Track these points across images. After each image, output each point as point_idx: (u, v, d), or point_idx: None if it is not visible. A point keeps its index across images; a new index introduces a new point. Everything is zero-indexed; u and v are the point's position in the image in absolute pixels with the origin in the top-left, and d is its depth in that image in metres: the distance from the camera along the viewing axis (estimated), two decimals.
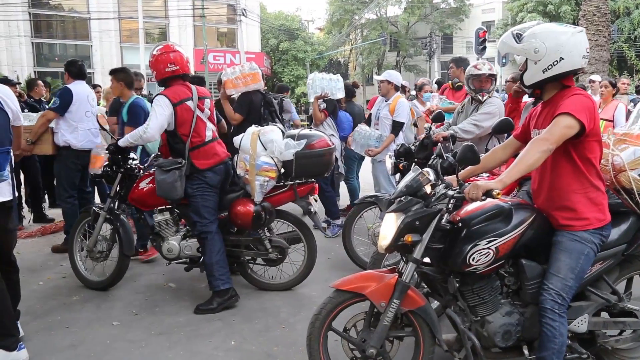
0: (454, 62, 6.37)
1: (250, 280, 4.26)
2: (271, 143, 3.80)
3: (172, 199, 3.80)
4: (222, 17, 28.77)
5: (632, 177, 2.59)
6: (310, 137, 3.97)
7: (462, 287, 2.54)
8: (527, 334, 2.57)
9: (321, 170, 4.06)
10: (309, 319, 2.61)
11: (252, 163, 3.79)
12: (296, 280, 4.22)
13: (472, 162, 2.39)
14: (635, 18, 29.26)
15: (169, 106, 3.73)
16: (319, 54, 32.43)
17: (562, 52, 2.38)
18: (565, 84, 2.48)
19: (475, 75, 4.30)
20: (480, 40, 14.76)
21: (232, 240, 4.08)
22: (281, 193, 4.00)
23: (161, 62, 3.83)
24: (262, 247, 4.07)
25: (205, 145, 3.88)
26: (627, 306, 2.73)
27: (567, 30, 2.44)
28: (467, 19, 36.66)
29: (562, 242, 2.47)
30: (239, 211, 3.87)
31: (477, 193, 2.25)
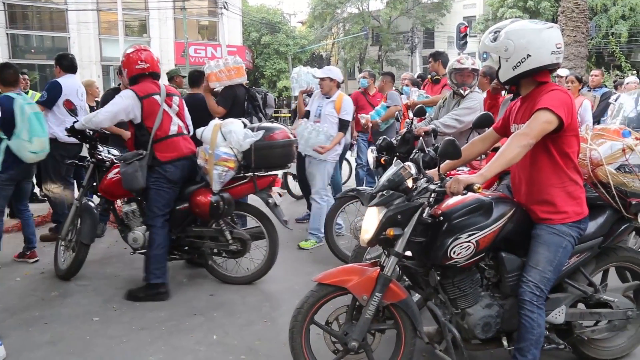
0: (432, 56, 6.39)
1: (212, 272, 4.28)
2: (230, 134, 3.84)
3: (135, 189, 3.89)
4: (203, 9, 28.47)
5: (609, 171, 2.64)
6: (270, 128, 4.00)
7: (443, 280, 2.57)
8: (507, 325, 2.62)
9: (281, 162, 4.10)
10: (291, 313, 2.62)
11: (211, 153, 3.84)
12: (257, 274, 4.23)
13: (454, 157, 2.41)
14: (612, 15, 29.74)
15: (131, 98, 3.87)
16: (300, 47, 32.31)
17: (529, 49, 2.42)
18: (538, 80, 2.52)
19: (458, 70, 4.31)
20: (461, 35, 14.86)
21: (194, 231, 4.13)
22: (241, 184, 4.04)
23: (132, 61, 3.98)
24: (222, 238, 4.10)
25: (168, 139, 3.97)
26: (602, 297, 2.80)
27: (536, 27, 2.47)
28: (448, 14, 36.84)
29: (541, 235, 2.52)
30: (198, 200, 3.95)
31: (459, 187, 2.27)
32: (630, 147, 2.65)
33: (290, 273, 4.39)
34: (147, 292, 3.89)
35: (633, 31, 30.54)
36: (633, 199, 2.66)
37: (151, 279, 3.89)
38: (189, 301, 3.91)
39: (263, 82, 30.73)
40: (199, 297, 3.98)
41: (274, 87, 29.20)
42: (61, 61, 5.27)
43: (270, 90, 26.81)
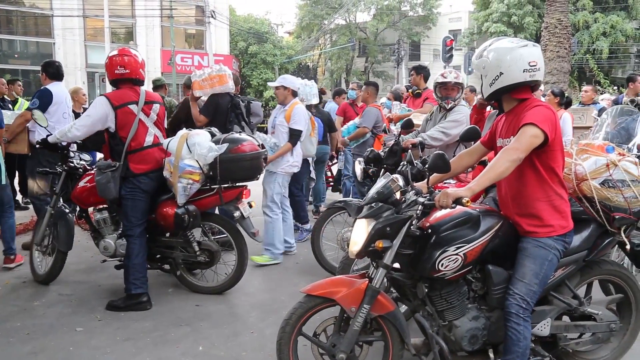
0: (414, 70, 6.42)
1: (181, 281, 4.26)
2: (194, 146, 3.81)
3: (107, 198, 3.88)
4: (191, 18, 28.49)
5: (593, 186, 2.69)
6: (236, 141, 3.97)
7: (431, 292, 2.59)
8: (493, 337, 2.63)
9: (248, 175, 4.06)
10: (278, 324, 2.61)
11: (175, 165, 3.81)
12: (225, 285, 4.21)
13: (443, 170, 2.45)
14: (594, 31, 30.38)
15: (104, 107, 3.81)
16: (287, 57, 32.42)
17: (501, 67, 2.49)
18: (516, 97, 2.56)
19: (442, 83, 4.36)
20: (447, 49, 15.06)
21: (164, 241, 4.13)
22: (207, 197, 4.02)
23: (113, 64, 3.93)
24: (190, 249, 4.09)
25: (143, 150, 3.92)
26: (587, 310, 2.82)
27: (509, 46, 2.52)
28: (434, 27, 37.28)
29: (527, 248, 2.54)
30: (163, 213, 3.93)
31: (447, 201, 2.30)
32: (613, 162, 2.69)
33: (277, 284, 4.38)
34: (128, 302, 3.85)
35: (613, 48, 31.22)
36: (616, 214, 2.70)
37: (132, 289, 3.85)
38: (175, 311, 3.87)
39: (250, 91, 30.73)
40: (185, 308, 3.94)
41: (261, 97, 29.17)
42: (47, 69, 5.24)
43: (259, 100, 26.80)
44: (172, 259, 4.17)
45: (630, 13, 32.02)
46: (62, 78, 5.37)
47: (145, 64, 4.17)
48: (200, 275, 4.36)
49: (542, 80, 2.56)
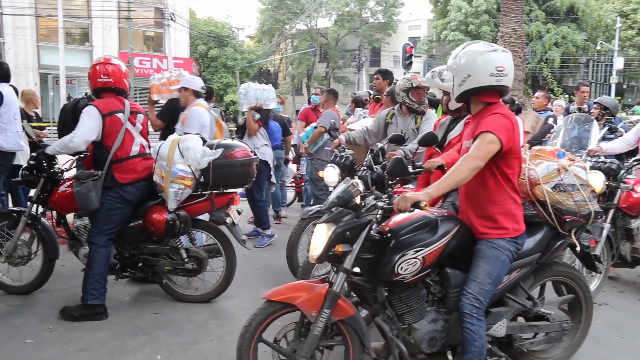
0: (380, 74, 6.34)
1: (167, 290, 4.16)
2: (187, 151, 3.75)
3: (87, 209, 3.76)
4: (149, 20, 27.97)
5: (545, 190, 2.77)
6: (229, 146, 3.93)
7: (390, 296, 2.61)
8: (451, 339, 2.68)
9: (240, 181, 4.04)
10: (238, 331, 2.58)
11: (167, 170, 3.74)
12: (213, 293, 4.13)
13: (402, 174, 2.48)
14: (546, 41, 31.51)
15: (97, 118, 3.70)
16: (248, 62, 32.24)
17: (469, 70, 2.56)
18: (482, 100, 2.61)
19: (416, 88, 4.34)
20: (407, 55, 15.24)
21: (149, 248, 4.01)
22: (198, 202, 3.95)
23: (96, 73, 3.83)
24: (178, 256, 4.00)
25: (129, 160, 3.82)
26: (540, 310, 2.91)
27: (482, 49, 2.58)
28: (394, 34, 37.85)
29: (481, 249, 2.61)
30: (153, 218, 3.83)
31: (406, 205, 2.33)
32: (564, 167, 2.79)
33: (238, 290, 4.32)
34: (83, 312, 3.72)
35: (564, 57, 32.48)
36: (567, 217, 2.78)
37: (89, 300, 3.72)
38: (132, 320, 3.76)
39: None
40: (142, 316, 3.84)
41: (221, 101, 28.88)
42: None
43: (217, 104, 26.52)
44: (157, 266, 4.03)
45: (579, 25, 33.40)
46: (9, 80, 5.19)
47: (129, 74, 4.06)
48: (186, 283, 4.24)
49: (509, 86, 2.58)
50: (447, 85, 3.48)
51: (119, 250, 3.97)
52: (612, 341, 3.50)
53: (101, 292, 3.75)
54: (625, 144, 4.75)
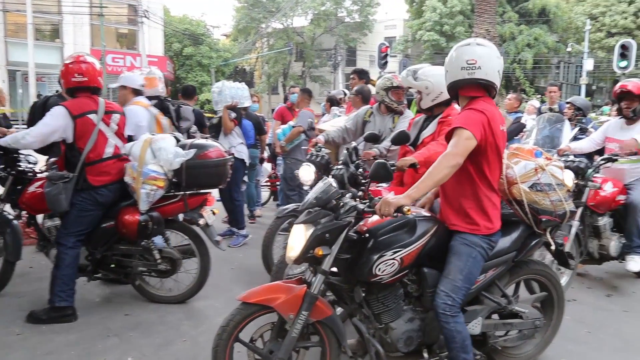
0: (356, 74, 6.35)
1: (139, 291, 4.09)
2: (160, 151, 3.69)
3: (57, 211, 3.67)
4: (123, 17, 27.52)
5: (522, 190, 2.76)
6: (203, 147, 3.88)
7: (368, 296, 2.60)
8: (428, 338, 2.70)
9: (214, 181, 4.00)
10: (212, 332, 2.55)
11: (139, 170, 3.67)
12: (187, 294, 4.09)
13: (386, 179, 2.47)
14: (519, 43, 32.08)
15: (63, 118, 3.59)
16: (224, 60, 32.01)
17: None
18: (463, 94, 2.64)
19: (396, 87, 4.33)
20: (382, 55, 15.31)
21: (121, 249, 3.93)
22: (171, 203, 3.89)
23: (69, 72, 3.71)
24: (151, 257, 3.93)
25: (102, 162, 3.74)
26: (515, 308, 2.94)
27: (459, 44, 2.68)
28: (370, 34, 38.04)
29: (454, 246, 2.61)
30: (125, 220, 3.75)
31: (389, 210, 2.30)
32: (541, 166, 2.79)
33: (212, 291, 4.27)
34: (51, 315, 3.63)
35: (537, 58, 33.10)
36: (543, 216, 2.78)
37: (56, 302, 3.63)
38: (103, 322, 3.69)
39: None
40: (113, 317, 3.77)
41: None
42: None
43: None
44: (130, 267, 3.96)
45: (551, 27, 34.09)
46: None
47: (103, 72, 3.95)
48: (160, 284, 4.16)
49: (490, 79, 2.55)
50: (420, 84, 3.50)
51: (91, 252, 3.87)
52: (580, 336, 3.57)
53: (69, 294, 3.67)
54: (592, 143, 4.85)
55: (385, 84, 4.35)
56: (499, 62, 2.58)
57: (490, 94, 2.62)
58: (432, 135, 3.59)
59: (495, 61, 2.55)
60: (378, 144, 4.19)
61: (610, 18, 33.34)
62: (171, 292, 4.13)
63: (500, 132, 2.56)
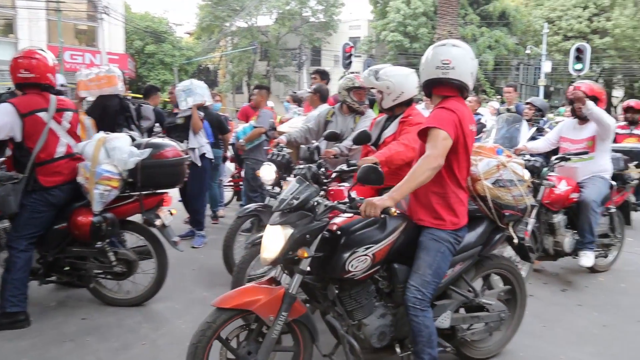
0: (318, 74, 6.41)
1: (95, 294, 3.99)
2: (114, 151, 3.61)
3: (6, 213, 3.54)
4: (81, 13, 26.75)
5: (486, 186, 2.90)
6: (159, 146, 3.81)
7: (341, 293, 2.66)
8: (400, 333, 2.78)
9: (170, 181, 3.93)
10: (172, 334, 2.53)
11: (92, 170, 3.57)
12: (145, 296, 4.01)
13: (377, 183, 2.49)
14: (480, 44, 32.74)
15: (9, 116, 3.45)
16: (187, 59, 31.51)
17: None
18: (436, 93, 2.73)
19: (358, 88, 4.36)
20: (346, 55, 15.38)
21: (75, 251, 3.82)
22: (126, 204, 3.81)
23: (17, 67, 3.58)
24: (106, 259, 3.83)
25: (53, 162, 3.62)
26: (482, 301, 3.05)
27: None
28: (335, 34, 38.11)
29: (423, 241, 2.69)
30: (78, 221, 3.65)
31: (375, 211, 2.36)
32: (503, 164, 2.94)
33: (172, 292, 4.21)
34: (2, 321, 3.49)
35: (498, 60, 33.88)
36: (506, 211, 2.92)
37: (7, 307, 3.50)
38: (58, 327, 3.59)
39: None
40: (69, 322, 3.67)
41: None
42: None
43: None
44: (85, 270, 3.84)
45: (511, 29, 34.95)
46: None
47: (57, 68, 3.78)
48: (117, 286, 4.06)
49: (463, 80, 2.64)
50: (381, 84, 3.53)
51: (43, 254, 3.75)
52: (536, 330, 3.67)
53: (21, 299, 3.54)
54: (548, 143, 5.00)
55: (347, 84, 4.37)
56: (473, 64, 2.68)
57: (463, 94, 2.71)
58: (393, 135, 3.63)
59: (469, 63, 2.65)
60: (339, 143, 4.22)
61: (566, 22, 34.42)
62: (129, 294, 4.04)
63: (469, 132, 2.66)
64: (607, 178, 4.77)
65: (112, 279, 3.96)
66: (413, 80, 3.57)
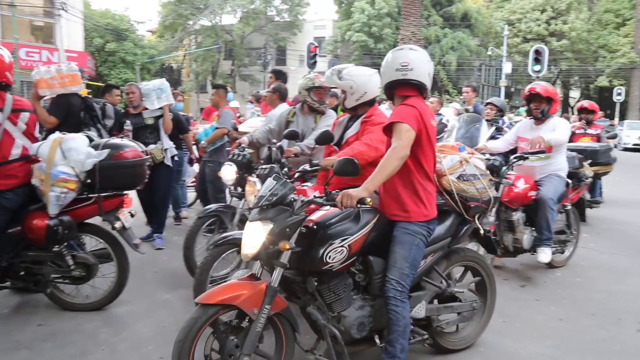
0: (274, 73, 6.41)
1: (52, 299, 3.87)
2: (70, 151, 3.51)
3: None
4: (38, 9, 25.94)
5: (451, 181, 3.08)
6: (117, 146, 3.73)
7: (320, 286, 2.72)
8: (378, 324, 2.86)
9: (130, 183, 3.86)
10: (132, 338, 2.48)
11: (47, 172, 3.46)
12: (105, 300, 3.91)
13: (353, 175, 2.58)
14: (444, 45, 33.32)
15: None
16: (150, 57, 30.94)
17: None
18: (398, 94, 2.87)
19: (318, 87, 4.38)
20: (311, 55, 15.39)
21: (30, 256, 3.69)
22: (84, 206, 3.70)
23: None
24: (63, 263, 3.71)
25: (8, 164, 3.49)
26: (454, 291, 3.21)
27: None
28: (300, 33, 38.11)
29: (397, 236, 2.79)
30: (33, 225, 3.53)
31: (352, 202, 2.48)
32: (465, 159, 3.14)
33: (133, 295, 4.11)
34: None
35: (460, 61, 34.54)
36: (471, 203, 3.10)
37: None
38: (12, 334, 3.46)
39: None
40: (24, 329, 3.54)
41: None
42: None
43: None
44: (41, 275, 3.71)
45: (473, 31, 35.69)
46: None
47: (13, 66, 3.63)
48: (75, 291, 3.93)
49: (422, 81, 2.78)
50: (344, 83, 3.55)
51: None
52: (496, 326, 3.74)
53: None
54: (506, 143, 5.11)
55: (307, 84, 4.39)
56: (430, 65, 2.84)
57: (422, 94, 2.85)
58: (355, 135, 3.65)
59: (426, 64, 2.81)
60: (300, 142, 4.24)
61: (525, 25, 35.40)
62: (88, 298, 3.94)
63: (431, 126, 2.80)
64: (563, 176, 4.92)
65: (70, 284, 3.84)
66: (376, 81, 3.60)
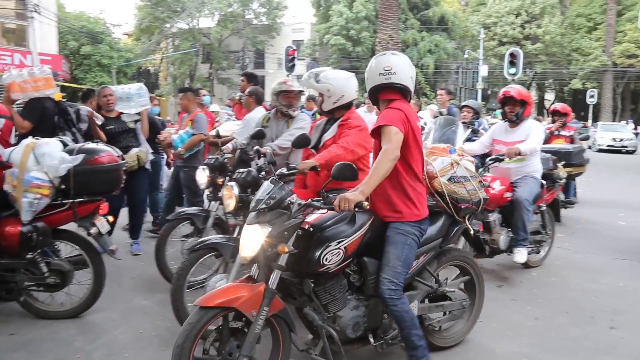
0: (245, 76, 6.41)
1: (26, 307, 3.79)
2: (43, 157, 3.45)
3: None
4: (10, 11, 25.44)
5: (442, 182, 3.15)
6: (92, 151, 3.68)
7: (316, 287, 2.75)
8: (372, 323, 2.93)
9: (107, 188, 3.78)
10: (108, 345, 2.45)
11: (20, 178, 3.39)
12: (80, 307, 3.85)
13: (351, 179, 2.62)
14: (421, 48, 33.63)
15: None
16: (126, 61, 30.58)
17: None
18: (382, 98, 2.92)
19: (286, 91, 4.40)
20: (289, 58, 15.39)
21: (2, 264, 3.61)
22: (58, 212, 3.63)
23: None
24: (37, 271, 3.64)
25: None
26: (445, 290, 3.28)
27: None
28: (278, 37, 38.12)
29: (389, 236, 2.85)
30: (5, 232, 3.46)
31: (350, 206, 2.50)
32: (456, 161, 3.21)
33: (110, 302, 4.05)
34: None
35: (438, 64, 34.91)
36: (462, 204, 3.17)
37: None
38: None
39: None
40: None
41: None
42: None
43: None
44: (14, 283, 3.62)
45: (450, 34, 36.10)
46: None
47: None
48: (50, 298, 3.86)
49: (405, 84, 2.84)
50: (322, 86, 3.56)
51: None
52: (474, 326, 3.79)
53: None
54: (482, 145, 5.17)
55: (276, 89, 4.45)
56: (412, 69, 2.91)
57: (406, 97, 2.92)
58: (333, 138, 3.67)
59: (408, 69, 2.88)
60: (270, 142, 4.31)
61: (501, 28, 35.96)
62: (63, 306, 3.87)
63: (417, 127, 2.86)
64: (538, 178, 5.01)
65: (44, 291, 3.77)
66: (353, 84, 3.63)
